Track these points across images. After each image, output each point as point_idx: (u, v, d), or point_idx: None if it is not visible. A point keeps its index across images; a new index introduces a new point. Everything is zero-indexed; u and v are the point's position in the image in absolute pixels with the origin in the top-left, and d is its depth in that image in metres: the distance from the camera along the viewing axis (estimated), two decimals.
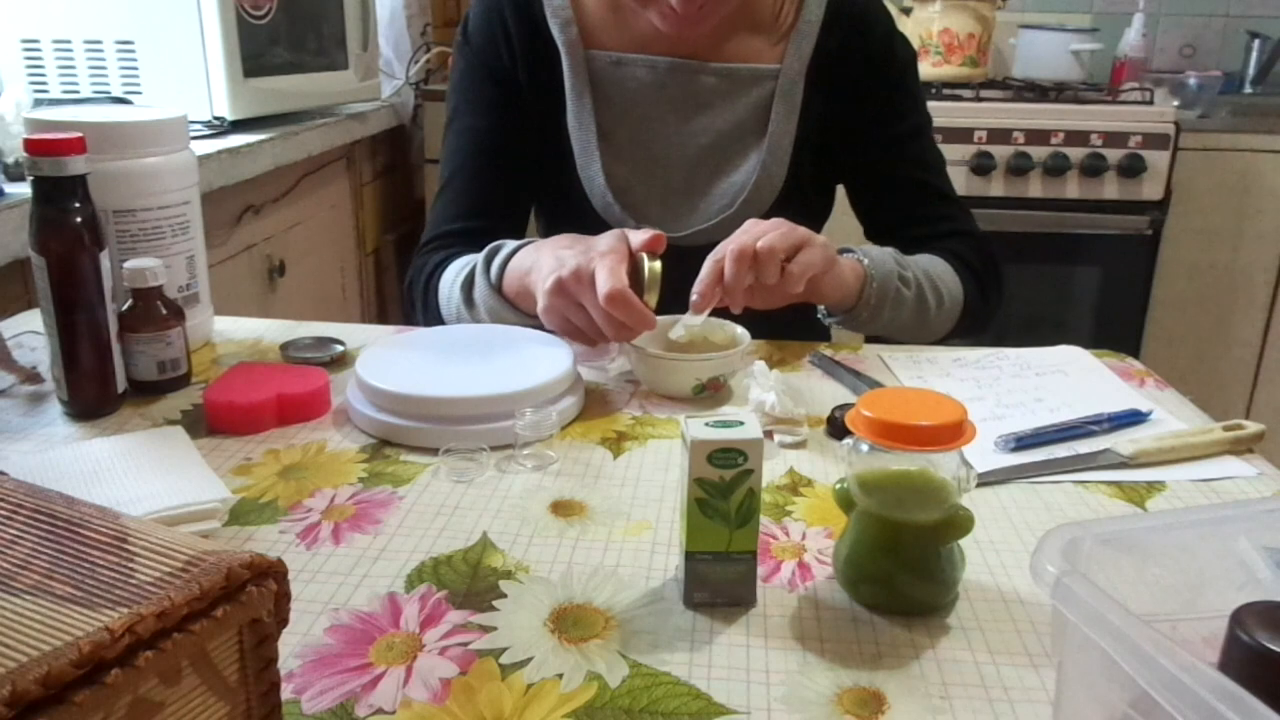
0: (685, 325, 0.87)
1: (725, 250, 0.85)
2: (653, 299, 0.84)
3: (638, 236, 0.86)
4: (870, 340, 1.06)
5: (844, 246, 1.00)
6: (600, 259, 0.82)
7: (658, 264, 0.85)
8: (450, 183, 1.12)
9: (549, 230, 1.22)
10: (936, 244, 1.10)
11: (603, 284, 0.80)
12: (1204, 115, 2.33)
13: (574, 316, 0.85)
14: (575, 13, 1.07)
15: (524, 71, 1.08)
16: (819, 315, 1.06)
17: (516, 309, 0.96)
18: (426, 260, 1.08)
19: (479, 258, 0.98)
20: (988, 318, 1.14)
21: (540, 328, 0.90)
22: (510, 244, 0.97)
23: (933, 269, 1.05)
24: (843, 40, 1.08)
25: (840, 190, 1.21)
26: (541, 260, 0.89)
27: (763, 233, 0.86)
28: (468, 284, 0.99)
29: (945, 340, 1.09)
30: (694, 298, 0.85)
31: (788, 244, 0.86)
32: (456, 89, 1.13)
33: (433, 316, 1.06)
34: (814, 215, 1.14)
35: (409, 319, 1.12)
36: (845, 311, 1.00)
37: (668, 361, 0.86)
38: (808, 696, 0.50)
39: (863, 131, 1.11)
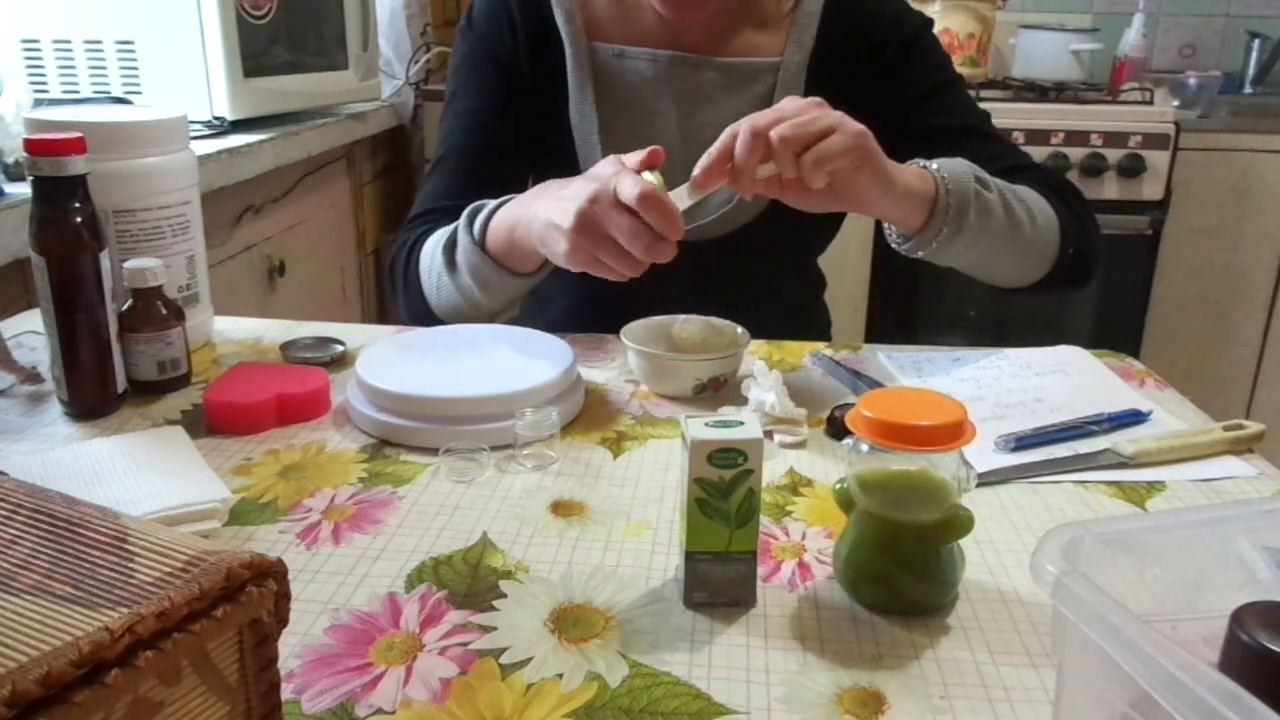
0: (684, 194, 0.80)
1: (739, 125, 0.78)
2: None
3: (634, 156, 0.82)
4: (870, 339, 1.05)
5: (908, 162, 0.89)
6: (616, 177, 0.79)
7: (657, 176, 0.80)
8: (443, 161, 1.11)
9: None
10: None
11: (631, 190, 0.76)
12: (1204, 115, 2.33)
13: (602, 250, 0.80)
14: (579, 5, 1.07)
15: (527, 61, 1.08)
16: (889, 240, 0.93)
17: (502, 267, 0.93)
18: (410, 235, 1.07)
19: (460, 219, 0.96)
20: (1094, 253, 1.02)
21: (524, 321, 0.89)
22: (491, 202, 0.95)
23: (1014, 188, 0.94)
24: (846, 30, 1.07)
25: None
26: (536, 209, 0.86)
27: (786, 113, 0.78)
28: (449, 246, 0.97)
29: (1055, 290, 0.99)
30: (695, 173, 0.79)
31: (808, 129, 0.77)
32: (456, 73, 1.13)
33: (413, 290, 1.04)
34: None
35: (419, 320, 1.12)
36: (918, 230, 0.89)
37: (668, 361, 0.86)
38: (808, 696, 0.50)
39: (889, 96, 1.06)
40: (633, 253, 0.78)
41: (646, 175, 0.80)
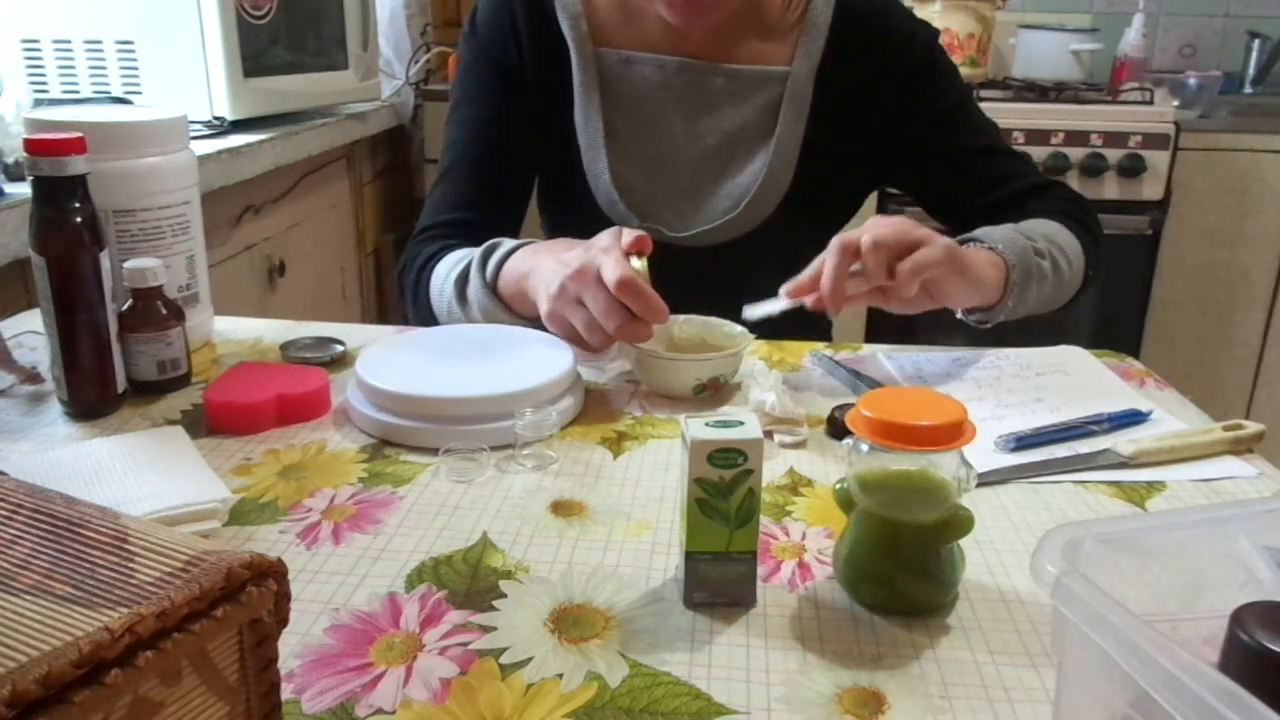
0: (763, 312, 0.85)
1: (832, 243, 0.82)
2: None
3: (626, 236, 0.85)
4: (870, 339, 1.05)
5: (961, 238, 0.95)
6: (603, 254, 0.82)
7: (643, 263, 0.85)
8: (449, 172, 1.11)
9: (552, 227, 1.21)
10: (1019, 204, 1.05)
11: (611, 273, 0.80)
12: (1204, 115, 2.33)
13: (577, 318, 0.84)
14: (585, 10, 1.07)
15: (532, 67, 1.08)
16: (959, 317, 0.99)
17: (511, 311, 0.95)
18: (420, 250, 1.08)
19: (474, 255, 0.97)
20: (1100, 265, 1.08)
21: (537, 328, 0.90)
22: (508, 243, 0.97)
23: (1048, 230, 1.00)
24: (854, 41, 1.07)
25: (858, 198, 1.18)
26: (540, 264, 0.89)
27: (877, 228, 0.82)
28: (462, 280, 0.98)
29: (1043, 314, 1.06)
30: (786, 286, 0.83)
31: (899, 240, 0.81)
32: (461, 80, 1.13)
33: (422, 309, 1.05)
34: (821, 221, 1.11)
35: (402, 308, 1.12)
36: (989, 308, 0.95)
37: (668, 361, 0.86)
38: (808, 696, 0.50)
39: (898, 119, 1.08)
40: (606, 329, 0.82)
41: (634, 262, 0.84)
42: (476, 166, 1.10)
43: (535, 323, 0.96)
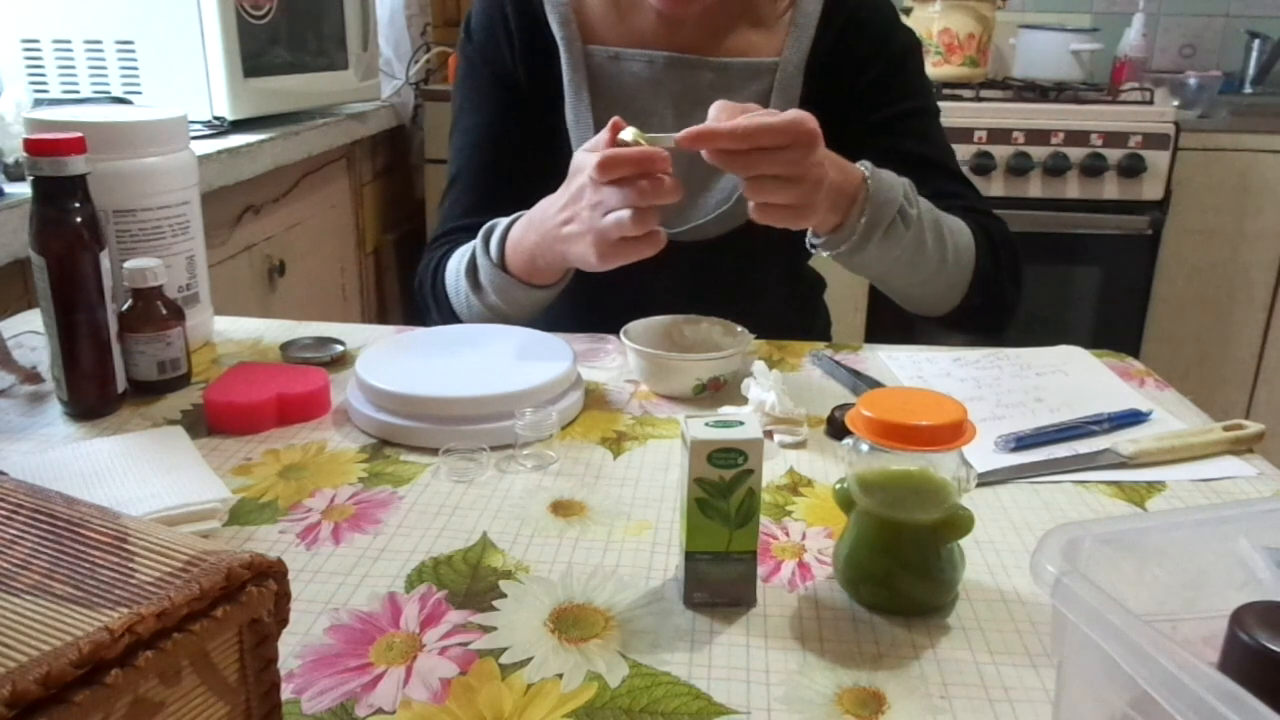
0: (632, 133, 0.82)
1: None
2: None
3: (601, 135, 0.83)
4: (870, 339, 1.05)
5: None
6: (591, 169, 0.80)
7: (632, 130, 0.81)
8: (456, 180, 1.12)
9: None
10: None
11: (596, 170, 0.78)
12: (1204, 115, 2.33)
13: (607, 225, 0.80)
14: (574, 8, 1.07)
15: (524, 68, 1.08)
16: (808, 242, 0.95)
17: (524, 283, 0.95)
18: (431, 257, 1.09)
19: (476, 241, 0.98)
20: (1003, 307, 1.04)
21: (547, 323, 0.89)
22: (502, 221, 0.97)
23: (946, 219, 0.97)
24: (841, 32, 1.07)
25: None
26: (550, 233, 0.87)
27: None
28: (471, 269, 0.99)
29: (959, 330, 1.02)
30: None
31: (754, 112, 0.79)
32: (460, 87, 1.13)
33: (445, 309, 1.06)
34: None
35: (421, 320, 1.12)
36: (830, 230, 0.90)
37: (668, 361, 0.86)
38: (808, 696, 0.50)
39: (860, 116, 1.07)
40: (641, 207, 0.79)
41: (626, 134, 0.81)
42: (482, 172, 1.10)
43: (550, 289, 0.97)
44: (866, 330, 2.27)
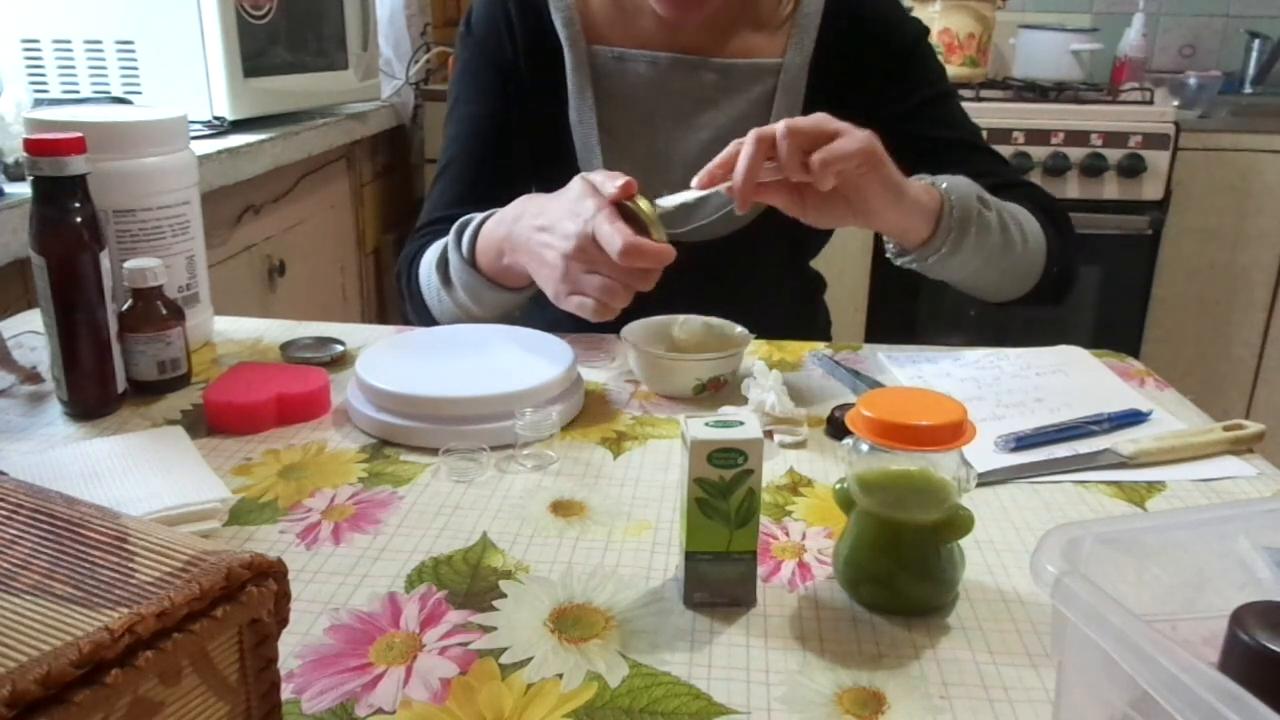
0: (677, 200, 0.82)
1: (750, 132, 0.79)
2: (661, 234, 0.80)
3: (609, 187, 0.81)
4: (870, 339, 1.05)
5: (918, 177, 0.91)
6: (594, 219, 0.79)
7: (645, 201, 0.81)
8: (447, 169, 1.11)
9: None
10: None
11: (613, 242, 0.76)
12: (1204, 115, 2.33)
13: (590, 287, 0.81)
14: (578, 8, 1.07)
15: (526, 65, 1.08)
16: (888, 254, 0.95)
17: (494, 283, 0.94)
18: (410, 248, 1.08)
19: (449, 235, 0.97)
20: (1071, 273, 1.04)
21: (524, 321, 0.89)
22: (477, 217, 0.96)
23: (1008, 205, 0.96)
24: (844, 30, 1.07)
25: None
26: (523, 238, 0.86)
27: (796, 118, 0.79)
28: (443, 263, 0.98)
29: (1037, 304, 1.02)
30: (698, 176, 0.80)
31: (817, 129, 0.78)
32: (458, 79, 1.13)
33: (417, 302, 1.05)
34: None
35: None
36: (920, 244, 0.90)
37: (668, 361, 0.86)
38: (808, 696, 0.50)
39: (883, 109, 1.05)
40: (623, 294, 0.80)
41: (635, 203, 0.80)
42: (474, 163, 1.10)
43: (518, 293, 0.96)
44: (866, 330, 2.27)
